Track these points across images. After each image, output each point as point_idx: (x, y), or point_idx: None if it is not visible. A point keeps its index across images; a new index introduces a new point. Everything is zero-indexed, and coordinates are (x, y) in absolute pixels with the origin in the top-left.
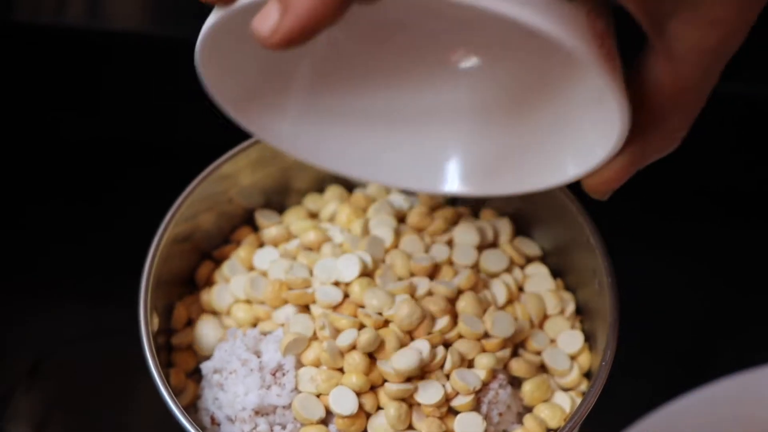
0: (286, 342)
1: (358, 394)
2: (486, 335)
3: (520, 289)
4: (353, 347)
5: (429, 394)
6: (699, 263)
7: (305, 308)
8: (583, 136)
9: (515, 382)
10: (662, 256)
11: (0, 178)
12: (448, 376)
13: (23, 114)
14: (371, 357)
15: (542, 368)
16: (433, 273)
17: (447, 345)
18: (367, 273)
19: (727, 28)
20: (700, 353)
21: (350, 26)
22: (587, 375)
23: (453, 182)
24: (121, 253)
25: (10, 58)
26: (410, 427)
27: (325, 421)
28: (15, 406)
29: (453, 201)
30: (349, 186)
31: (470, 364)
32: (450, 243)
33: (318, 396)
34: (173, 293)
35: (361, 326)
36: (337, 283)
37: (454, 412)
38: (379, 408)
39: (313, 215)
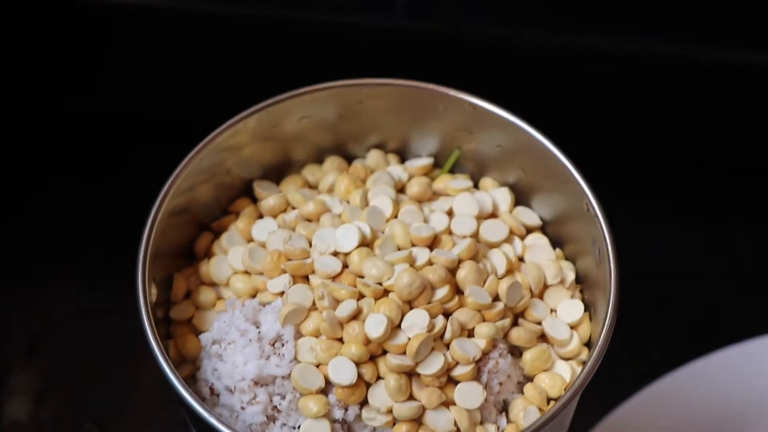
0: (285, 312)
1: (358, 364)
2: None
3: (521, 259)
4: (353, 317)
5: (429, 363)
6: (700, 232)
7: (304, 279)
8: None
9: (515, 352)
10: (662, 224)
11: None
12: (448, 346)
13: (24, 89)
14: None
15: (542, 338)
16: (432, 243)
17: (447, 315)
18: (366, 243)
19: None
20: (700, 322)
21: None
22: (587, 344)
23: None
24: (120, 230)
25: (12, 31)
26: (410, 397)
27: (324, 391)
28: (13, 382)
29: (452, 171)
30: (348, 157)
31: (470, 334)
32: (449, 213)
33: (317, 366)
34: (172, 265)
35: (361, 296)
36: (336, 254)
37: (454, 381)
38: (378, 378)
39: (312, 186)
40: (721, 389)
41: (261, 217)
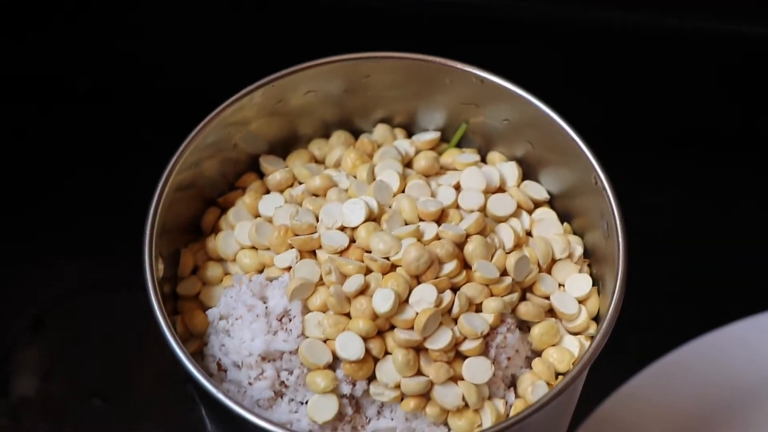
0: (292, 287)
1: (365, 339)
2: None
3: (528, 233)
4: (360, 292)
5: (437, 338)
6: (708, 205)
7: (311, 254)
8: None
9: (523, 327)
10: (670, 197)
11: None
12: (455, 321)
13: (27, 71)
14: None
15: (551, 312)
16: (440, 218)
17: (455, 289)
18: (373, 218)
19: None
20: (710, 295)
21: None
22: (596, 319)
23: None
24: (126, 206)
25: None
26: (418, 372)
27: (332, 366)
28: (21, 359)
29: (459, 145)
30: (355, 131)
31: (478, 309)
32: (457, 187)
33: (325, 341)
34: (179, 240)
35: (368, 271)
36: (342, 228)
37: (462, 356)
38: (386, 353)
39: (318, 161)
40: (731, 363)
41: (268, 192)
